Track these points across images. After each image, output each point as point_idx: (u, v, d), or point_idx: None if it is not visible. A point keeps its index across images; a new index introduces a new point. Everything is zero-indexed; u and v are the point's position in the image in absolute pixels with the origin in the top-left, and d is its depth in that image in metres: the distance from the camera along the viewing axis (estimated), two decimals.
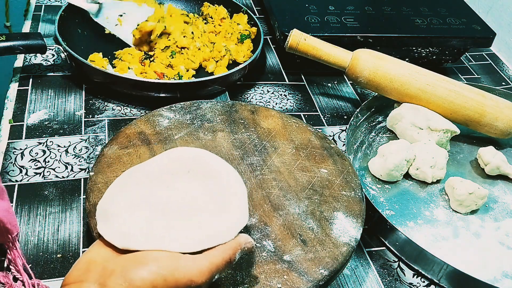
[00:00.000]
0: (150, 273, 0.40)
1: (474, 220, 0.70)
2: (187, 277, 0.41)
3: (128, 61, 0.84)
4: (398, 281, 0.62)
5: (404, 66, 0.80)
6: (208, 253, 0.44)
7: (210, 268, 0.42)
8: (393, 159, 0.71)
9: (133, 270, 0.40)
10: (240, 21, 0.97)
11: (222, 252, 0.44)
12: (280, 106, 0.86)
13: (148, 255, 0.42)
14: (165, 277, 0.40)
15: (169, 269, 0.41)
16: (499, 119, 0.79)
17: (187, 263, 0.42)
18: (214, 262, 0.43)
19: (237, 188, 0.50)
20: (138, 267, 0.41)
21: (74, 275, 0.41)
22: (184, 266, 0.41)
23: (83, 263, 0.42)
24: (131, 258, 0.42)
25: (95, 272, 0.41)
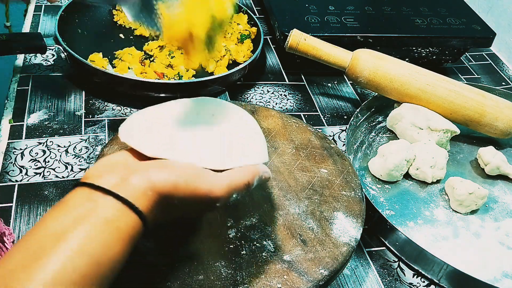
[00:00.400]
0: (173, 174, 0.41)
1: (474, 220, 0.70)
2: (207, 187, 0.42)
3: (128, 61, 0.84)
4: (398, 281, 0.62)
5: (404, 66, 0.80)
6: (229, 172, 0.45)
7: (229, 185, 0.43)
8: (393, 159, 0.71)
9: (157, 170, 0.41)
10: (240, 21, 0.97)
11: (242, 174, 0.45)
12: (280, 106, 0.86)
13: (173, 162, 0.43)
14: (187, 181, 0.41)
15: (191, 175, 0.42)
16: (499, 119, 0.79)
17: (209, 175, 0.43)
18: (234, 181, 0.44)
19: (258, 130, 0.52)
20: (162, 168, 0.41)
21: (96, 170, 0.41)
22: (205, 176, 0.43)
23: (106, 160, 0.43)
24: (155, 162, 0.43)
25: (118, 169, 0.41)
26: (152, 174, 0.40)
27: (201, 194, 0.42)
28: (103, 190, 0.38)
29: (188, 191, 0.41)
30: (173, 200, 0.41)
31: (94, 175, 0.40)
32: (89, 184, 0.39)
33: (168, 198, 0.41)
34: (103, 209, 0.37)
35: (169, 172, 0.41)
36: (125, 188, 0.39)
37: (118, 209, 0.38)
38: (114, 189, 0.38)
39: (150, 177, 0.40)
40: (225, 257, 0.51)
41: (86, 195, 0.38)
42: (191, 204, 0.43)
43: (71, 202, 0.38)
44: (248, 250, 0.52)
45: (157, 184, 0.40)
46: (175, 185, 0.41)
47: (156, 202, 0.40)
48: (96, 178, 0.40)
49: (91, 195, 0.38)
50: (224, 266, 0.50)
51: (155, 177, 0.40)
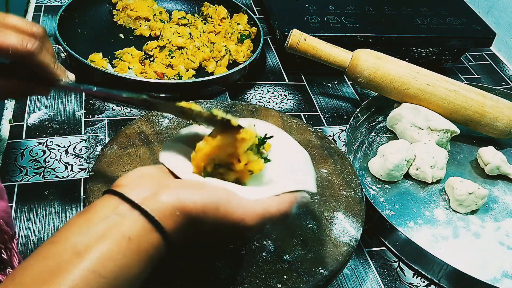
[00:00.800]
0: (204, 197, 0.38)
1: (474, 220, 0.70)
2: (239, 214, 0.39)
3: (128, 61, 0.84)
4: (398, 281, 0.62)
5: (404, 66, 0.80)
6: (266, 200, 0.41)
7: (263, 214, 0.40)
8: (393, 159, 0.71)
9: (188, 191, 0.39)
10: (240, 21, 0.97)
11: (279, 203, 0.41)
12: (280, 106, 0.86)
13: (208, 185, 0.40)
14: (218, 206, 0.38)
15: (224, 201, 0.39)
16: (499, 119, 0.79)
17: (243, 201, 0.40)
18: (269, 210, 0.41)
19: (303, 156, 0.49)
20: (195, 189, 0.39)
21: (127, 179, 0.40)
22: (239, 203, 0.40)
23: (140, 172, 0.41)
24: (189, 182, 0.41)
25: (151, 182, 0.39)
26: (182, 193, 0.38)
27: (232, 221, 0.39)
28: (132, 203, 0.37)
29: (218, 217, 0.39)
30: (201, 225, 0.39)
31: (126, 184, 0.39)
32: (119, 194, 0.38)
33: (197, 221, 0.39)
34: (128, 225, 0.36)
35: (201, 194, 0.39)
36: (154, 205, 0.37)
37: (143, 227, 0.36)
38: (143, 204, 0.37)
39: (180, 196, 0.38)
40: (225, 257, 0.51)
41: (114, 206, 0.37)
42: (220, 231, 0.40)
43: (98, 212, 0.37)
44: (248, 250, 0.52)
45: (186, 206, 0.38)
46: (205, 209, 0.38)
47: (183, 224, 0.38)
48: (127, 189, 0.38)
49: (119, 207, 0.37)
50: (224, 266, 0.50)
51: (185, 197, 0.38)
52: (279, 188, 0.43)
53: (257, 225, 0.40)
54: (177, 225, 0.38)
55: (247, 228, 0.40)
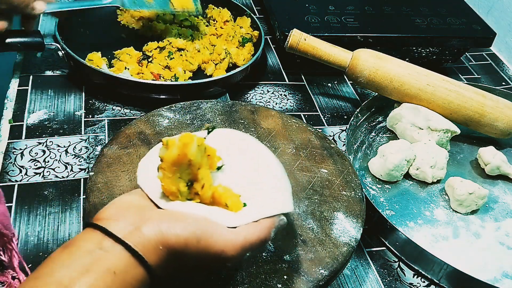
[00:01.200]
0: (185, 230, 0.39)
1: (474, 220, 0.70)
2: (220, 246, 0.39)
3: (126, 61, 0.84)
4: (398, 281, 0.62)
5: (404, 66, 0.80)
6: (244, 228, 0.42)
7: (243, 244, 0.40)
8: (393, 159, 0.71)
9: (170, 224, 0.39)
10: (243, 24, 0.97)
11: (258, 231, 0.42)
12: (280, 106, 0.86)
13: (188, 216, 0.40)
14: (199, 239, 0.39)
15: (205, 233, 0.39)
16: (499, 119, 0.79)
17: (223, 233, 0.40)
18: (249, 239, 0.41)
19: (279, 171, 0.48)
20: (176, 222, 0.39)
21: (109, 212, 0.40)
22: (220, 235, 0.40)
23: (121, 202, 0.41)
24: (170, 213, 0.41)
25: (132, 214, 0.39)
26: (164, 227, 0.38)
27: (213, 254, 0.39)
28: (115, 237, 0.37)
29: (199, 250, 0.39)
30: (184, 258, 0.39)
31: (108, 218, 0.39)
32: (101, 228, 0.37)
33: (179, 254, 0.39)
34: (112, 260, 0.36)
35: (182, 228, 0.39)
36: (137, 239, 0.37)
37: (127, 262, 0.36)
38: (127, 239, 0.37)
39: (162, 230, 0.38)
40: None
41: (97, 240, 0.37)
42: (202, 262, 0.41)
43: (81, 247, 0.36)
44: None
45: (169, 240, 0.38)
46: (187, 242, 0.38)
47: (166, 258, 0.38)
48: (108, 222, 0.38)
49: (102, 242, 0.37)
50: None
51: (167, 231, 0.38)
52: (258, 214, 0.43)
53: (237, 256, 0.40)
54: (161, 258, 0.38)
55: (228, 259, 0.40)
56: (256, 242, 0.41)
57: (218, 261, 0.40)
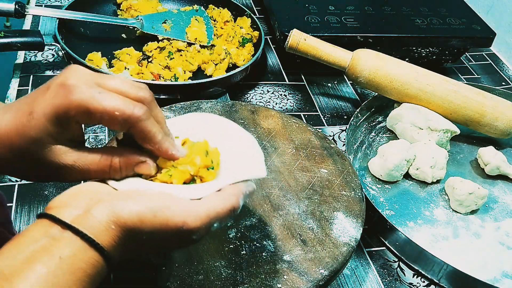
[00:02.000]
0: (138, 206, 0.36)
1: (474, 220, 0.70)
2: (180, 217, 0.37)
3: (126, 61, 0.84)
4: (398, 281, 0.62)
5: (404, 66, 0.80)
6: (208, 198, 0.39)
7: (208, 213, 0.38)
8: (393, 159, 0.71)
9: (122, 201, 0.36)
10: (243, 25, 0.97)
11: (222, 199, 0.39)
12: (280, 106, 0.86)
13: (143, 192, 0.38)
14: (155, 212, 0.36)
15: (161, 206, 0.37)
16: (499, 119, 0.79)
17: (182, 203, 0.38)
18: (214, 208, 0.38)
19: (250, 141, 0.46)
20: (128, 199, 0.37)
21: (60, 200, 0.37)
22: (178, 205, 0.37)
23: (71, 191, 0.39)
24: (123, 192, 0.39)
25: (82, 200, 0.37)
26: (116, 205, 0.36)
27: (172, 227, 0.37)
28: (63, 223, 0.35)
29: (157, 224, 0.36)
30: (141, 235, 0.36)
31: (57, 205, 0.37)
32: (49, 216, 0.35)
33: (135, 232, 0.36)
34: (59, 247, 0.34)
35: (136, 203, 0.36)
36: (86, 222, 0.35)
37: (76, 246, 0.34)
38: (74, 222, 0.35)
39: (114, 208, 0.36)
40: (225, 257, 0.51)
41: (44, 229, 0.35)
42: (163, 239, 0.38)
43: (28, 237, 0.34)
44: (248, 250, 0.52)
45: (121, 217, 0.35)
46: (142, 217, 0.36)
47: (121, 238, 0.36)
48: (58, 209, 0.36)
49: (49, 229, 0.35)
50: (224, 266, 0.50)
51: (119, 208, 0.36)
52: (221, 182, 0.40)
53: (202, 227, 0.37)
54: (115, 239, 0.36)
55: (191, 231, 0.37)
56: (223, 210, 0.38)
57: (181, 235, 0.38)
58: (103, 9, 0.97)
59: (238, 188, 0.40)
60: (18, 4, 0.79)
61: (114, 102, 0.37)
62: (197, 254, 0.51)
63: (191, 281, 0.48)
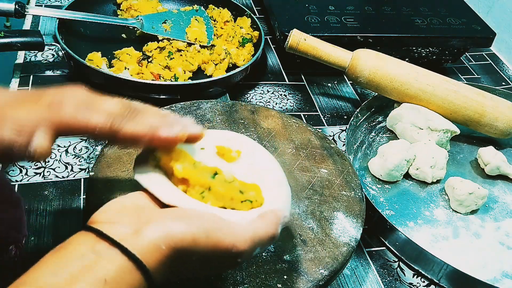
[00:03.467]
0: (192, 226, 0.36)
1: (474, 220, 0.70)
2: (230, 240, 0.37)
3: (126, 61, 0.84)
4: (398, 281, 0.62)
5: (404, 66, 0.80)
6: (252, 222, 0.39)
7: (253, 238, 0.38)
8: (393, 159, 0.71)
9: (174, 222, 0.36)
10: (243, 25, 0.97)
11: (266, 224, 0.39)
12: (280, 106, 0.86)
13: (191, 212, 0.38)
14: (208, 233, 0.36)
15: (213, 227, 0.37)
16: (499, 119, 0.79)
17: (232, 226, 0.38)
18: (259, 233, 0.39)
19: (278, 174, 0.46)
20: (181, 219, 0.36)
21: (105, 215, 0.37)
22: (228, 228, 0.37)
23: (115, 205, 0.38)
24: (171, 211, 0.38)
25: (129, 217, 0.36)
26: (169, 225, 0.35)
27: (223, 248, 0.37)
28: (110, 240, 0.34)
29: (209, 246, 0.36)
30: (191, 257, 0.36)
31: (103, 221, 0.36)
32: (96, 231, 0.35)
33: (186, 253, 0.36)
34: (104, 266, 0.33)
35: (188, 223, 0.36)
36: (136, 242, 0.34)
37: (121, 267, 0.33)
38: (123, 241, 0.34)
39: (167, 229, 0.35)
40: None
41: (91, 244, 0.34)
42: (211, 260, 0.38)
43: (73, 250, 0.34)
44: None
45: (174, 238, 0.35)
46: (195, 238, 0.36)
47: (170, 259, 0.35)
48: (104, 225, 0.35)
49: (96, 245, 0.34)
50: None
51: (172, 229, 0.35)
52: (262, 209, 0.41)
53: (248, 250, 0.38)
54: (162, 260, 0.35)
55: (239, 254, 0.38)
56: (265, 236, 0.39)
57: (229, 257, 0.38)
58: (103, 9, 0.97)
59: (278, 217, 0.41)
60: (18, 4, 0.79)
61: (96, 119, 0.38)
62: None
63: (191, 281, 0.48)
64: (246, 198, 0.41)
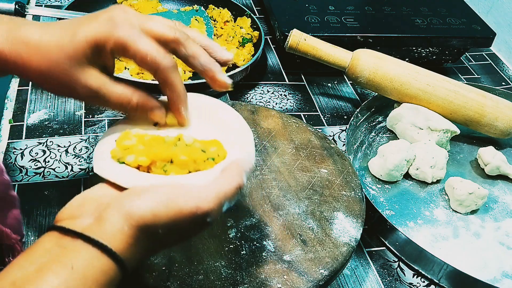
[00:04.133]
0: (148, 200, 0.36)
1: (474, 220, 0.70)
2: (192, 203, 0.37)
3: (126, 61, 0.84)
4: (398, 281, 0.62)
5: (404, 66, 0.80)
6: (214, 180, 0.39)
7: (217, 194, 0.38)
8: (393, 159, 0.71)
9: (130, 199, 0.36)
10: (243, 25, 0.97)
11: (228, 178, 0.39)
12: (280, 106, 0.86)
13: (147, 188, 0.38)
14: (167, 203, 0.36)
15: (170, 196, 0.37)
16: (499, 119, 0.79)
17: (191, 190, 0.38)
18: (221, 188, 0.38)
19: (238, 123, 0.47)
20: (136, 197, 0.37)
21: (67, 212, 0.38)
22: (187, 192, 0.37)
23: (77, 200, 0.39)
24: (127, 192, 0.38)
25: (89, 207, 0.37)
26: (126, 205, 0.36)
27: (187, 214, 0.36)
28: (73, 233, 0.34)
29: (171, 215, 0.36)
30: (157, 230, 0.36)
31: (65, 217, 0.37)
32: (59, 228, 0.35)
33: (150, 228, 0.36)
34: (70, 255, 0.33)
35: (145, 199, 0.36)
36: (98, 229, 0.35)
37: (88, 254, 0.34)
38: (86, 231, 0.34)
39: (125, 209, 0.35)
40: (225, 257, 0.51)
41: (55, 240, 0.35)
42: (179, 229, 0.37)
43: (39, 248, 0.34)
44: (248, 250, 0.52)
45: (133, 216, 0.35)
46: (154, 212, 0.36)
47: (136, 239, 0.35)
48: (67, 221, 0.36)
49: (61, 241, 0.34)
50: (224, 266, 0.50)
51: (130, 208, 0.35)
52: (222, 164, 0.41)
53: (215, 207, 0.38)
54: (129, 241, 0.35)
55: (206, 214, 0.37)
56: (229, 189, 0.39)
57: (197, 221, 0.37)
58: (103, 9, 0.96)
59: (240, 167, 0.41)
60: (18, 4, 0.79)
61: (148, 47, 0.41)
62: (197, 254, 0.51)
63: (191, 281, 0.48)
64: (208, 156, 0.42)
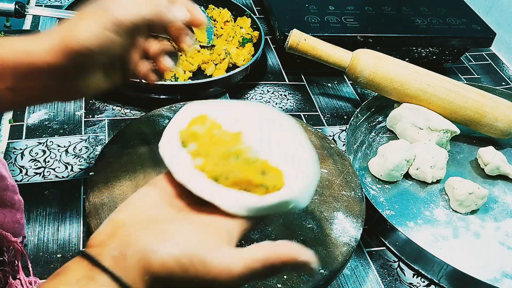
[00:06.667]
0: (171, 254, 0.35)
1: (474, 220, 0.70)
2: (212, 273, 0.34)
3: None
4: (398, 281, 0.62)
5: (404, 66, 0.80)
6: (247, 251, 0.35)
7: (243, 272, 0.35)
8: (393, 159, 0.71)
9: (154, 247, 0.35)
10: (243, 25, 0.97)
11: (264, 257, 0.35)
12: (280, 106, 0.86)
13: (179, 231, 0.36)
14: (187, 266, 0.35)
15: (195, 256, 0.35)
16: (499, 119, 0.79)
17: (218, 256, 0.35)
18: (251, 267, 0.35)
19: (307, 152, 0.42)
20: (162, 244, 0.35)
21: (99, 238, 0.37)
22: (213, 259, 0.35)
23: (112, 223, 0.38)
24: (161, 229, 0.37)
25: (119, 239, 0.36)
26: (148, 253, 0.35)
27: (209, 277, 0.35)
28: (101, 266, 0.35)
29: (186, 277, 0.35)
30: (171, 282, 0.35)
31: (97, 244, 0.37)
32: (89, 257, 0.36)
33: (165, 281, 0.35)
34: None
35: (168, 250, 0.35)
36: (122, 266, 0.35)
37: None
38: (112, 266, 0.35)
39: (145, 257, 0.35)
40: None
41: (86, 270, 0.35)
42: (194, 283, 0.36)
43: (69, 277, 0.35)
44: None
45: (152, 267, 0.35)
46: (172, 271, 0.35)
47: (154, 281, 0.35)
48: (98, 250, 0.36)
49: (90, 273, 0.35)
50: None
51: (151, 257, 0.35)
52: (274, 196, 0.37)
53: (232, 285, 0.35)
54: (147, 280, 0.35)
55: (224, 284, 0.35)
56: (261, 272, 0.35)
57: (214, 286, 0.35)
58: None
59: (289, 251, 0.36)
60: (18, 4, 0.79)
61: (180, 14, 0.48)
62: None
63: None
64: (263, 183, 0.38)
